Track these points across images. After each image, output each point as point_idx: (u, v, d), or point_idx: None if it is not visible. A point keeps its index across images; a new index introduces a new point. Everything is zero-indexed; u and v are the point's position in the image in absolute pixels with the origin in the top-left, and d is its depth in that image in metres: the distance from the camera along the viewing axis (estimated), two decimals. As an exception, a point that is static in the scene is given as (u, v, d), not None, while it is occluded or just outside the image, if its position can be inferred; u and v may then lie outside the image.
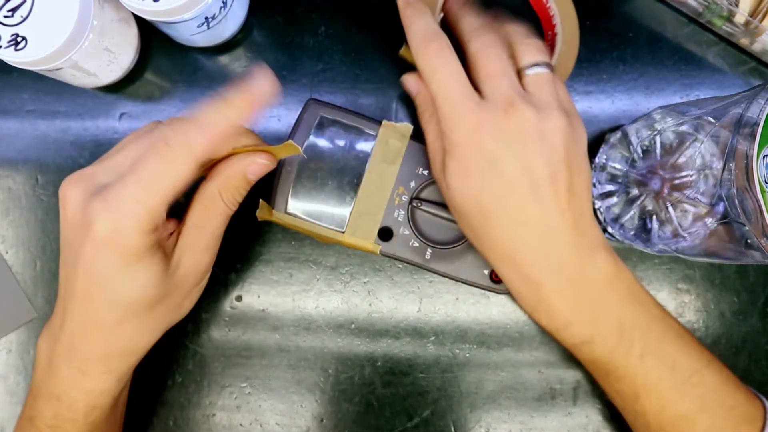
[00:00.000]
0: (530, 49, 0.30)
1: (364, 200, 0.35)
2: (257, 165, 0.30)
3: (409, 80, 0.33)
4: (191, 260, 0.30)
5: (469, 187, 0.29)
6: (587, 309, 0.29)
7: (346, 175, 0.36)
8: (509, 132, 0.28)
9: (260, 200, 0.35)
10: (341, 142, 0.36)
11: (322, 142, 0.36)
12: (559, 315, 0.29)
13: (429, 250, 0.36)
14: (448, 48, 0.30)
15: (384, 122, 0.36)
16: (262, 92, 0.27)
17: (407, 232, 0.36)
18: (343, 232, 0.36)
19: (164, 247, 0.29)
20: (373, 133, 0.36)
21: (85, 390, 0.30)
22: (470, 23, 0.32)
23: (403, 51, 0.35)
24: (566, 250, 0.29)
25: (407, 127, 0.36)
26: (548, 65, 0.30)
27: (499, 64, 0.29)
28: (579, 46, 0.37)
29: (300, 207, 0.36)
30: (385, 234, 0.36)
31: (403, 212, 0.36)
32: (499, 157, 0.28)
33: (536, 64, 0.30)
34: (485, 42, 0.30)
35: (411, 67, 0.33)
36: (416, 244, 0.36)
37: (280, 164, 0.35)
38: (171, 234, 0.31)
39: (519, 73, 0.30)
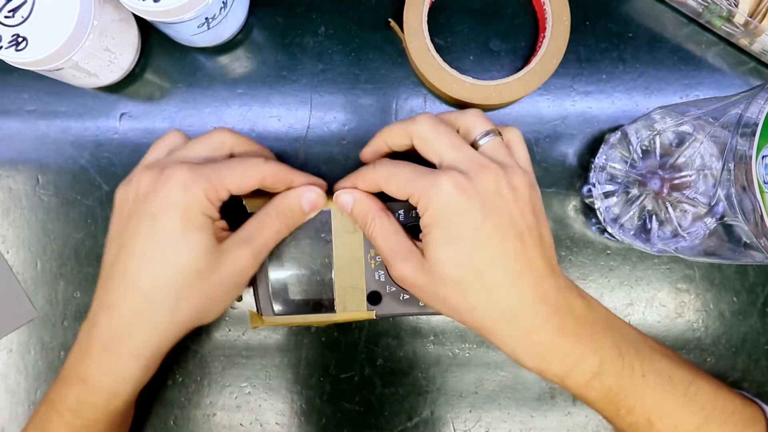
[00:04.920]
0: (477, 121, 0.32)
1: (342, 275, 0.35)
2: (312, 192, 0.34)
3: (340, 197, 0.34)
4: (236, 255, 0.31)
5: (460, 251, 0.29)
6: (589, 340, 0.30)
7: (317, 258, 0.36)
8: (487, 189, 0.29)
9: (248, 310, 0.36)
10: (298, 231, 0.36)
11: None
12: (569, 353, 0.29)
13: None
14: (388, 160, 0.33)
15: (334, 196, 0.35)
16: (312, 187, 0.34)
17: (393, 288, 0.35)
18: (335, 312, 0.36)
19: (216, 234, 0.31)
20: (327, 208, 0.36)
21: (111, 373, 0.31)
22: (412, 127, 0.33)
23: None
24: (553, 293, 0.30)
25: None
26: (497, 132, 0.32)
27: (455, 137, 0.31)
28: (562, 57, 0.38)
29: (285, 305, 0.36)
30: (375, 298, 0.36)
31: (382, 272, 0.35)
32: (486, 213, 0.29)
33: (486, 134, 0.32)
34: (433, 125, 0.32)
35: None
36: (407, 297, 0.36)
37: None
38: (224, 231, 0.33)
39: (473, 145, 0.32)
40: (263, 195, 0.37)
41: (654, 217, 0.35)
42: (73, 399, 0.31)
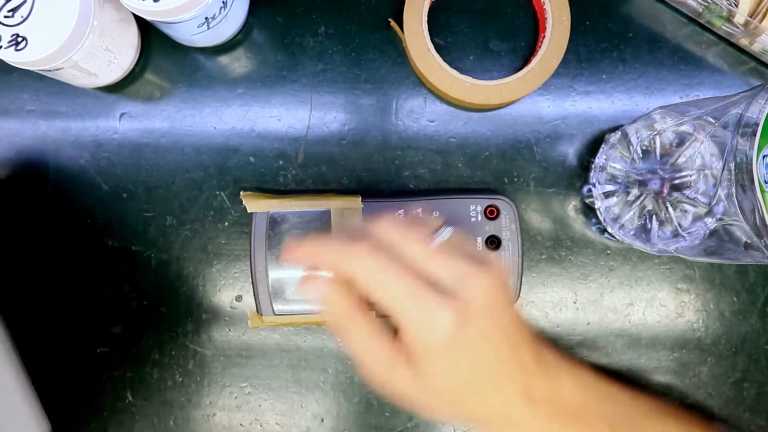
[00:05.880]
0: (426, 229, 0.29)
1: None
2: None
3: (306, 285, 0.29)
4: None
5: (459, 375, 0.28)
6: (581, 425, 0.31)
7: None
8: (471, 312, 0.27)
9: (249, 311, 0.37)
10: (299, 231, 0.36)
11: (282, 238, 0.36)
12: None
13: None
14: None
15: (333, 197, 0.35)
16: None
17: None
18: None
19: None
20: (326, 209, 0.36)
21: None
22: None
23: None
24: (540, 386, 0.30)
25: (356, 199, 0.37)
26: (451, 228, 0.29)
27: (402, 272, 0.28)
28: (563, 57, 0.38)
29: (285, 305, 0.36)
30: None
31: None
32: (487, 337, 0.28)
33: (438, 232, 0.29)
34: (376, 261, 0.27)
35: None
36: None
37: (252, 270, 0.36)
38: None
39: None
40: (263, 194, 0.37)
41: (654, 217, 0.35)
42: None
